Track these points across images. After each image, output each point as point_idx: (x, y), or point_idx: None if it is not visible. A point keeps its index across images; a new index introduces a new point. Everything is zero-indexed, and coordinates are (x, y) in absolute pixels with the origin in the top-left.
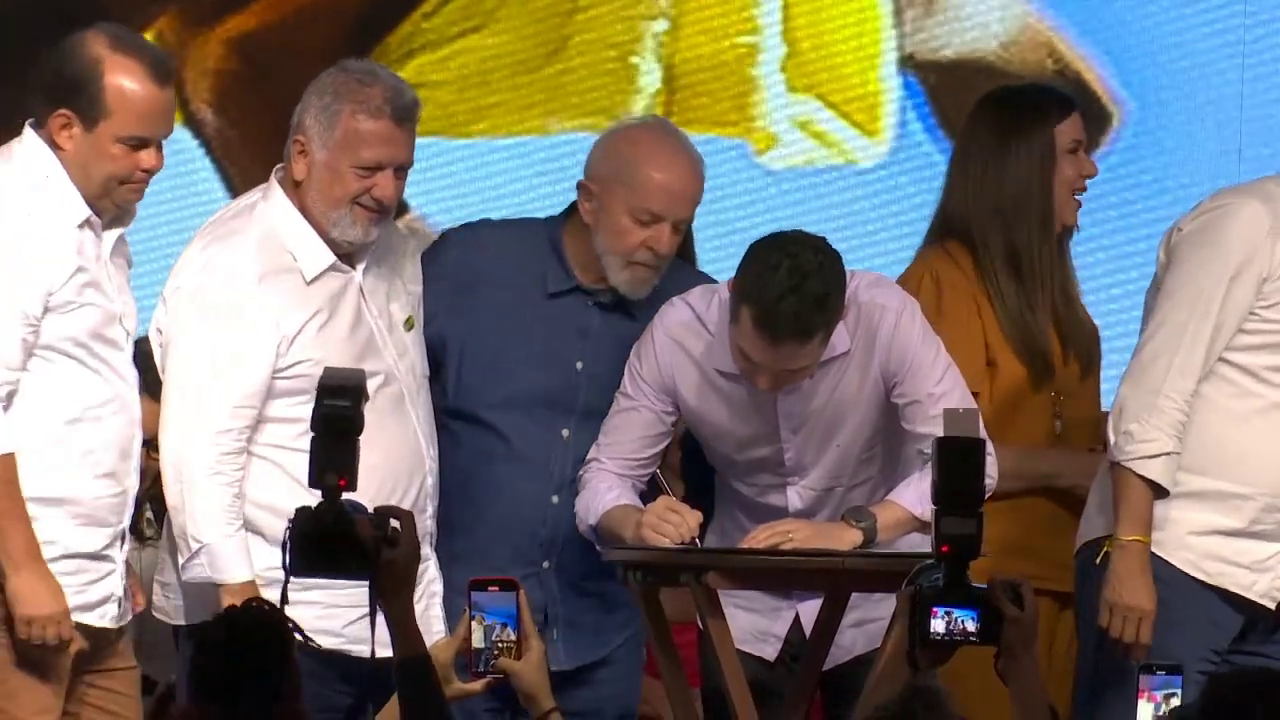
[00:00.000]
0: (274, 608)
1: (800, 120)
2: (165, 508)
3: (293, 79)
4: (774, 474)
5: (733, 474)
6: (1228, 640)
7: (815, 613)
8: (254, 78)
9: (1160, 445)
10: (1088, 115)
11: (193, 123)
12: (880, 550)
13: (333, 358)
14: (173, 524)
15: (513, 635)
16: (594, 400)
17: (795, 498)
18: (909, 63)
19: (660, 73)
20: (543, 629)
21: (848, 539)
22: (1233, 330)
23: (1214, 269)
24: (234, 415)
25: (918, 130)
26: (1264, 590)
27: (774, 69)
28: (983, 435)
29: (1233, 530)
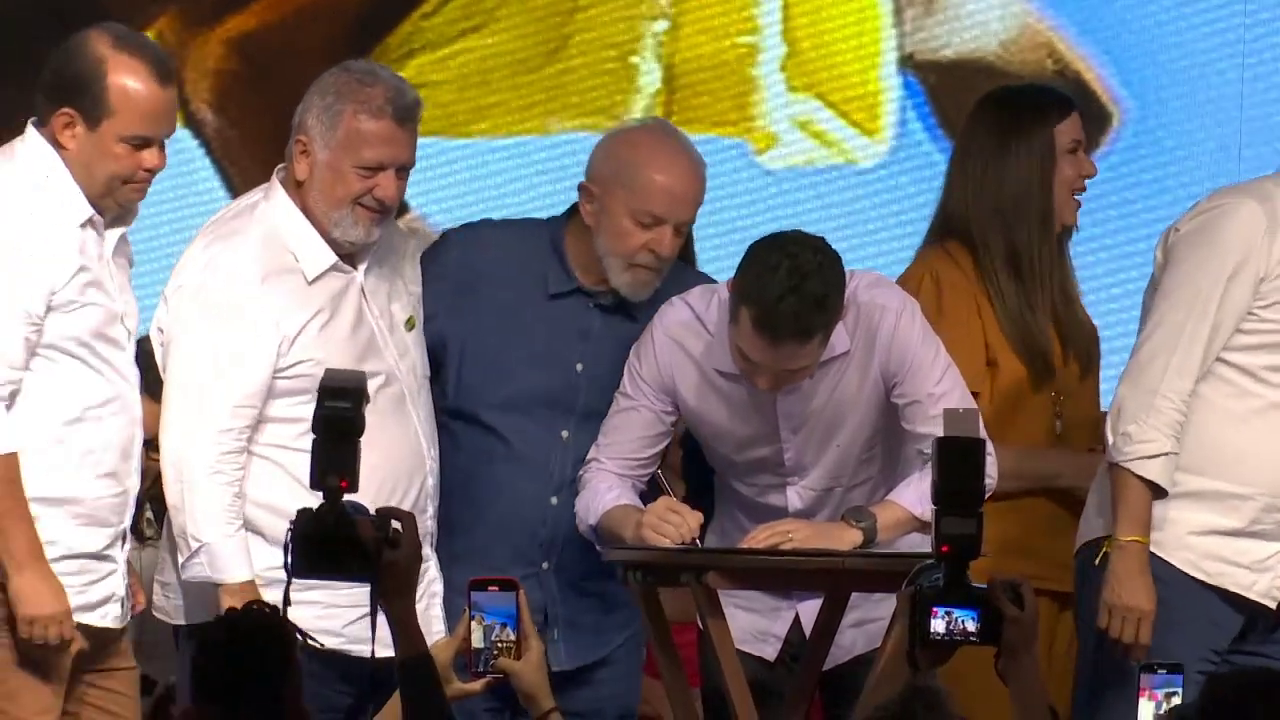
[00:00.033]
0: (275, 609)
1: (800, 120)
2: (165, 507)
3: (293, 79)
4: (774, 474)
5: (732, 474)
6: (1228, 640)
7: (815, 613)
8: (254, 78)
9: (1158, 446)
10: (1088, 115)
11: (193, 123)
12: (880, 550)
13: (334, 358)
14: (173, 523)
15: (512, 635)
16: (594, 401)
17: (795, 498)
18: (909, 63)
19: (660, 72)
20: (542, 630)
21: (848, 539)
22: (1230, 330)
23: (1211, 269)
24: (235, 415)
25: (918, 130)
26: (1264, 590)
27: (774, 69)
28: (983, 435)
29: (1232, 530)
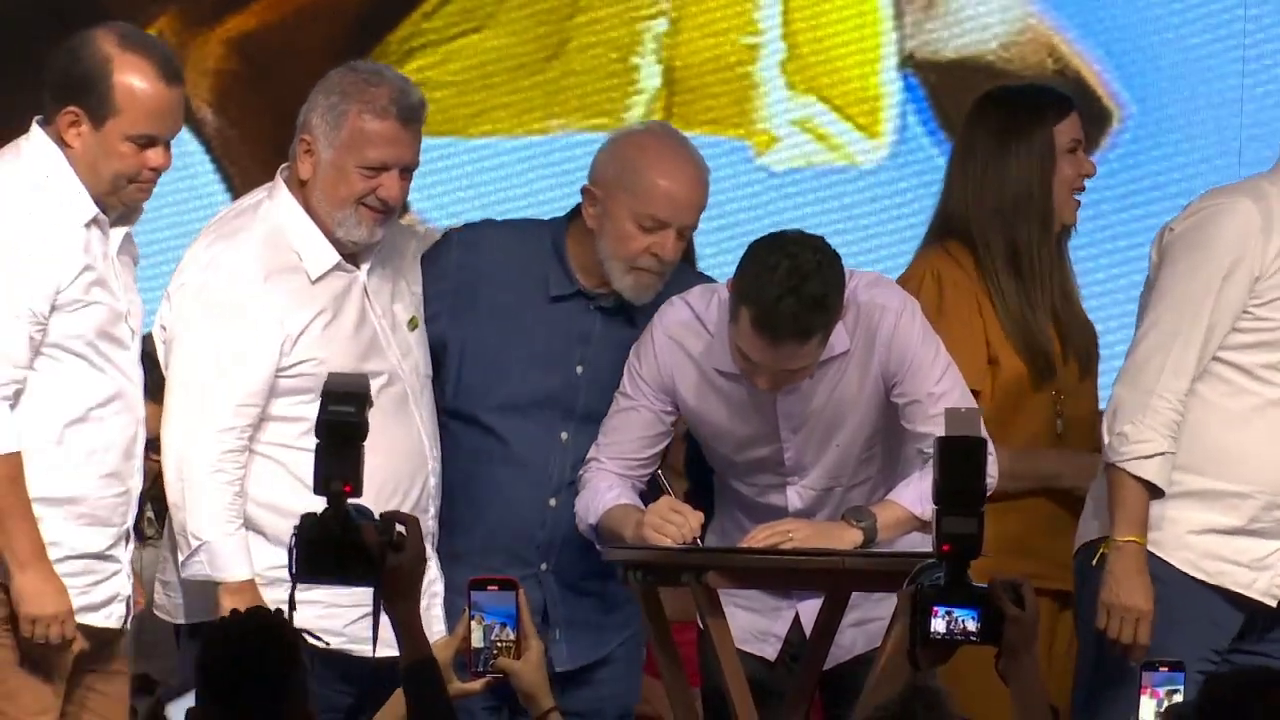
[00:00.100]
0: (279, 610)
1: (801, 121)
2: (166, 507)
3: (293, 79)
4: (774, 474)
5: (732, 474)
6: (1228, 639)
7: (815, 612)
8: (254, 78)
9: (1155, 445)
10: (1088, 115)
11: (193, 123)
12: (880, 550)
13: (336, 357)
14: (173, 521)
15: (512, 635)
16: (594, 404)
17: (795, 497)
18: (909, 63)
19: (661, 74)
20: (542, 630)
21: (848, 539)
22: (1226, 329)
23: (1206, 269)
24: (237, 413)
25: (918, 130)
26: (1264, 588)
27: (774, 70)
28: (984, 435)
29: (1231, 529)
